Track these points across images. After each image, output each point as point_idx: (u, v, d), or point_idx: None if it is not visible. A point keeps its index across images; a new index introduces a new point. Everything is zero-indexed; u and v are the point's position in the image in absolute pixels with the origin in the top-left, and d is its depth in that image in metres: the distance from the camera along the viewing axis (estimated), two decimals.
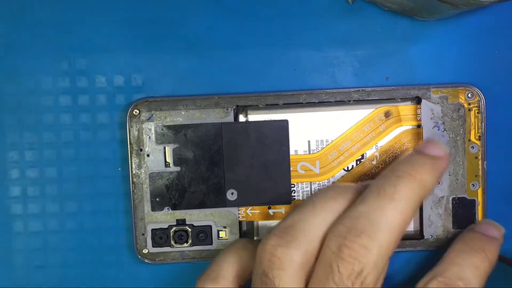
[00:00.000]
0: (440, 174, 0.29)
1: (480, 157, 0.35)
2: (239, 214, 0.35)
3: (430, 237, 0.35)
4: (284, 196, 0.35)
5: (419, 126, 0.35)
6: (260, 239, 0.35)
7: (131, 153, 0.34)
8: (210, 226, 0.35)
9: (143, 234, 0.35)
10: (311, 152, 0.35)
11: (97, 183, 0.35)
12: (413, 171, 0.27)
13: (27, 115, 0.35)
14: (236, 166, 0.34)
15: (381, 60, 0.35)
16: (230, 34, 0.35)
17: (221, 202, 0.35)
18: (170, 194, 0.35)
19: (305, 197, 0.35)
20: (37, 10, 0.34)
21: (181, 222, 0.35)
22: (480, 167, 0.35)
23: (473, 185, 0.35)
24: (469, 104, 0.35)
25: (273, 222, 0.35)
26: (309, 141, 0.35)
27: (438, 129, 0.35)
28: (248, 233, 0.36)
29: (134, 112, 0.34)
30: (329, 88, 0.35)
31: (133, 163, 0.34)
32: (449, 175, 0.35)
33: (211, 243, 0.35)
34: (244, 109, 0.35)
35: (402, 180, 0.26)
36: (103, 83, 0.35)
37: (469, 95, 0.35)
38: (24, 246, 0.36)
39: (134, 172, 0.34)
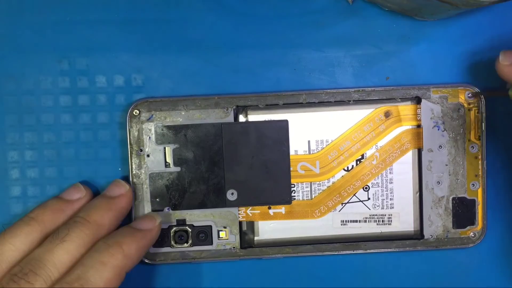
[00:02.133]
0: (118, 211, 0.33)
1: (480, 157, 0.35)
2: (239, 214, 0.35)
3: (430, 237, 0.35)
4: (284, 196, 0.35)
5: (419, 126, 0.35)
6: (260, 238, 0.36)
7: (131, 153, 0.34)
8: (210, 226, 0.35)
9: None
10: (311, 152, 0.35)
11: (97, 183, 0.35)
12: (87, 216, 0.31)
13: (27, 115, 0.35)
14: (236, 166, 0.34)
15: (381, 60, 0.35)
16: (230, 34, 0.35)
17: (221, 202, 0.35)
18: (170, 195, 0.35)
19: (304, 198, 0.35)
20: (37, 10, 0.34)
21: (181, 222, 0.35)
22: (480, 167, 0.35)
23: (473, 184, 0.35)
24: (469, 104, 0.35)
25: (273, 222, 0.35)
26: (309, 141, 0.35)
27: (438, 129, 0.35)
28: (248, 233, 0.36)
29: (134, 113, 0.34)
30: (329, 88, 0.35)
31: (133, 164, 0.34)
32: (449, 175, 0.35)
33: (211, 243, 0.35)
34: (244, 109, 0.35)
35: (76, 224, 0.31)
36: (103, 83, 0.35)
37: (469, 95, 0.35)
38: None
39: (134, 172, 0.34)
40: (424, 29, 0.35)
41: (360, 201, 0.36)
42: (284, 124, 0.35)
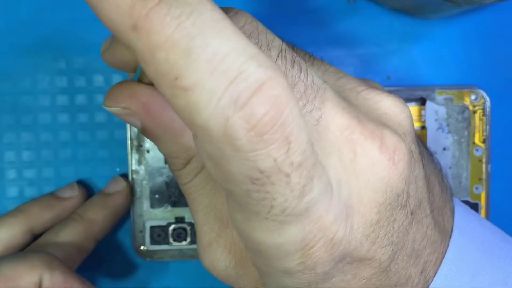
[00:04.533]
0: (114, 208, 0.33)
1: (484, 160, 0.35)
2: None
3: None
4: None
5: (423, 127, 0.35)
6: None
7: (131, 148, 0.34)
8: None
9: (141, 231, 0.35)
10: None
11: (94, 183, 0.35)
12: (82, 213, 0.32)
13: (24, 115, 0.35)
14: None
15: (382, 59, 0.35)
16: None
17: None
18: (169, 191, 0.34)
19: None
20: (35, 10, 0.34)
21: (180, 219, 0.35)
22: (484, 170, 0.35)
23: (477, 188, 0.35)
24: (474, 106, 0.34)
25: None
26: None
27: (443, 131, 0.34)
28: None
29: None
30: None
31: (133, 159, 0.34)
32: (453, 178, 0.35)
33: None
34: None
35: (71, 221, 0.32)
36: (101, 82, 0.35)
37: (475, 97, 0.34)
38: None
39: (133, 168, 0.34)
40: (426, 27, 0.35)
41: None
42: None
